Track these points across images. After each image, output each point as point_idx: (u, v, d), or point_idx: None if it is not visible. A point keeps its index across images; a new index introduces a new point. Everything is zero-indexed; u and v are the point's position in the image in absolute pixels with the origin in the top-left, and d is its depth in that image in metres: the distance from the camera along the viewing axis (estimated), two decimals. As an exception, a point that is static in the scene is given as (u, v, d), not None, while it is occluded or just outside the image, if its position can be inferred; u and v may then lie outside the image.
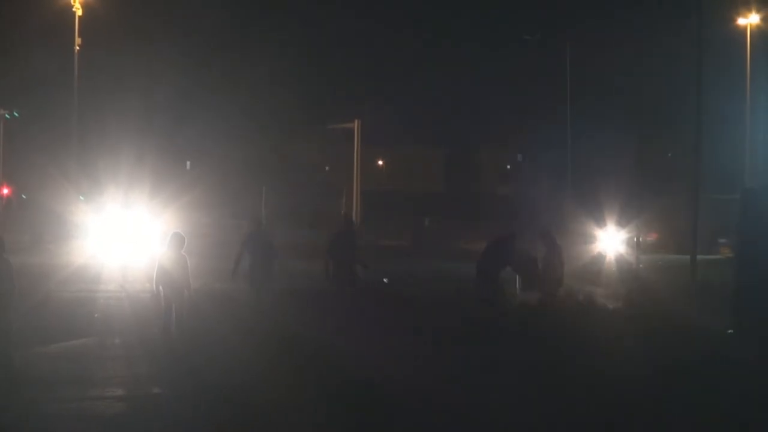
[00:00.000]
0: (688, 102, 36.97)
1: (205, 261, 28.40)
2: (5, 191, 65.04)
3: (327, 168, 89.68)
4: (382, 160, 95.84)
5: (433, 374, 16.65)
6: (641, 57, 50.41)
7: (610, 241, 44.96)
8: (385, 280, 24.67)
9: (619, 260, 42.24)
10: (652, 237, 51.12)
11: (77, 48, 51.91)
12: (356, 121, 67.11)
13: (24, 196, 69.39)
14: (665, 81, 59.51)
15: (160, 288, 19.50)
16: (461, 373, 16.74)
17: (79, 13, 51.66)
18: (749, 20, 53.63)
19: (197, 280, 20.82)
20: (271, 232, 23.16)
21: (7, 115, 62.14)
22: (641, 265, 40.09)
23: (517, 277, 23.63)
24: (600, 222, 46.41)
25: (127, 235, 37.31)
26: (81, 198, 52.17)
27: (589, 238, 45.56)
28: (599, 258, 42.58)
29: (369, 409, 13.80)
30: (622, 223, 45.97)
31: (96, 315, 24.11)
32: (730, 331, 23.16)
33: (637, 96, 50.23)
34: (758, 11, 53.78)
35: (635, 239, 43.75)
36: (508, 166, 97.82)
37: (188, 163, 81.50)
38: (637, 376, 17.02)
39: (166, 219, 35.21)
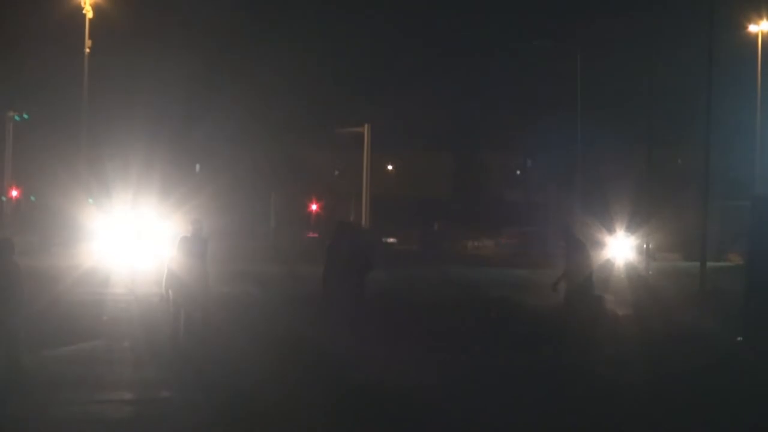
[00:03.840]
0: (699, 107, 36.88)
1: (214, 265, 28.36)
2: (14, 193, 65.11)
3: (336, 173, 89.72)
4: (391, 164, 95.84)
5: (441, 379, 16.63)
6: (652, 62, 50.22)
7: (619, 248, 44.92)
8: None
9: (628, 267, 42.22)
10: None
11: (87, 50, 51.93)
12: (365, 126, 67.08)
13: (33, 199, 69.46)
14: (676, 86, 59.43)
15: (170, 292, 19.50)
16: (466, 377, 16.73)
17: (90, 15, 51.67)
18: (761, 27, 53.50)
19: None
20: (207, 237, 21.63)
21: (16, 117, 62.20)
22: (650, 272, 40.04)
23: None
24: (609, 228, 46.35)
25: (136, 238, 37.34)
26: (90, 201, 52.19)
27: (598, 245, 45.50)
28: (608, 264, 42.55)
29: (375, 413, 13.78)
30: (631, 229, 45.90)
31: (104, 318, 24.13)
32: (739, 338, 23.12)
33: (647, 101, 50.03)
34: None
35: (644, 246, 43.71)
36: (518, 172, 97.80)
37: (197, 165, 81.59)
38: (646, 382, 16.97)
39: (176, 221, 35.16)
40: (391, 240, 65.93)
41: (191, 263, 19.91)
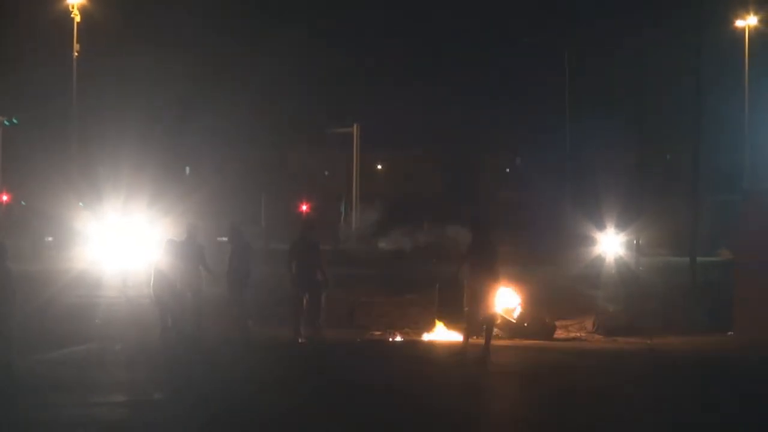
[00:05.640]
0: (688, 103, 37.00)
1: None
2: (5, 198, 64.97)
3: (326, 173, 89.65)
4: (380, 164, 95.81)
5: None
6: (640, 59, 50.32)
7: (610, 244, 44.99)
8: None
9: (619, 263, 42.30)
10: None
11: (76, 54, 51.87)
12: (355, 126, 67.16)
13: (24, 203, 69.29)
14: (665, 82, 59.45)
15: (159, 294, 19.60)
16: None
17: (78, 19, 51.59)
18: (747, 22, 53.54)
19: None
20: (203, 242, 21.22)
21: (6, 122, 62.06)
22: (641, 268, 40.14)
23: None
24: (599, 225, 46.39)
25: (127, 241, 37.33)
26: (81, 204, 52.13)
27: (589, 241, 45.59)
28: (599, 260, 42.64)
29: (371, 414, 13.80)
30: (621, 225, 45.95)
31: (97, 321, 24.18)
32: (730, 333, 23.28)
33: (636, 98, 50.11)
34: (756, 13, 53.70)
35: (635, 242, 43.81)
36: (507, 170, 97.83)
37: (187, 168, 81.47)
38: (636, 376, 17.05)
39: (168, 225, 35.19)
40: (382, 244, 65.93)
41: (181, 266, 19.95)
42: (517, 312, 23.67)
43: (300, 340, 20.55)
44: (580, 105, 61.17)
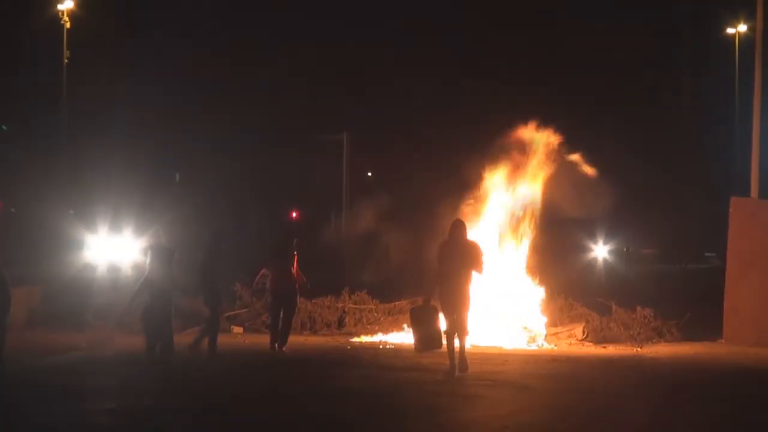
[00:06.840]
0: (682, 111, 37.12)
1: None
2: (-6, 205, 64.76)
3: (316, 180, 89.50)
4: (371, 171, 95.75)
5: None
6: (637, 65, 50.54)
7: (600, 251, 45.11)
8: None
9: (609, 270, 42.42)
10: (647, 251, 50.81)
11: (66, 60, 51.81)
12: (345, 133, 67.10)
13: (13, 210, 69.11)
14: (661, 89, 59.54)
15: (147, 301, 19.54)
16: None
17: (68, 25, 51.53)
18: (737, 29, 53.55)
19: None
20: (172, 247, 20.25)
21: (-6, 129, 61.92)
22: (631, 275, 40.25)
23: None
24: (589, 232, 46.50)
25: (117, 249, 37.29)
26: (71, 212, 52.07)
27: (579, 249, 45.69)
28: (589, 268, 42.74)
29: (363, 417, 13.79)
30: (612, 233, 46.06)
31: (87, 327, 24.14)
32: (720, 340, 23.37)
33: (631, 105, 50.44)
34: (746, 21, 53.71)
35: (625, 249, 43.95)
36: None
37: (177, 175, 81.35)
38: (630, 385, 17.06)
39: (158, 232, 35.10)
40: None
41: (158, 272, 19.66)
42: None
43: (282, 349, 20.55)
44: (576, 110, 61.24)
